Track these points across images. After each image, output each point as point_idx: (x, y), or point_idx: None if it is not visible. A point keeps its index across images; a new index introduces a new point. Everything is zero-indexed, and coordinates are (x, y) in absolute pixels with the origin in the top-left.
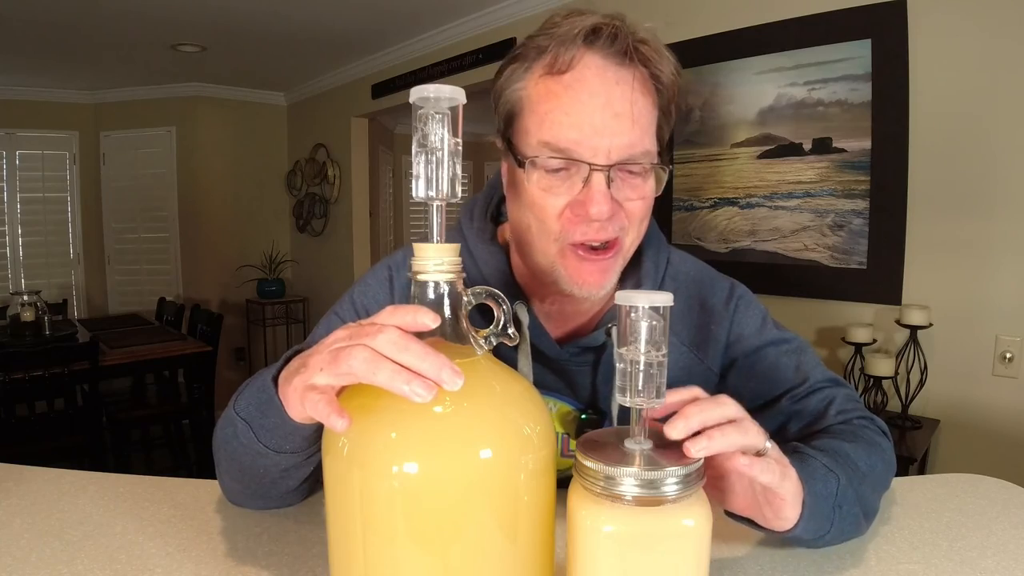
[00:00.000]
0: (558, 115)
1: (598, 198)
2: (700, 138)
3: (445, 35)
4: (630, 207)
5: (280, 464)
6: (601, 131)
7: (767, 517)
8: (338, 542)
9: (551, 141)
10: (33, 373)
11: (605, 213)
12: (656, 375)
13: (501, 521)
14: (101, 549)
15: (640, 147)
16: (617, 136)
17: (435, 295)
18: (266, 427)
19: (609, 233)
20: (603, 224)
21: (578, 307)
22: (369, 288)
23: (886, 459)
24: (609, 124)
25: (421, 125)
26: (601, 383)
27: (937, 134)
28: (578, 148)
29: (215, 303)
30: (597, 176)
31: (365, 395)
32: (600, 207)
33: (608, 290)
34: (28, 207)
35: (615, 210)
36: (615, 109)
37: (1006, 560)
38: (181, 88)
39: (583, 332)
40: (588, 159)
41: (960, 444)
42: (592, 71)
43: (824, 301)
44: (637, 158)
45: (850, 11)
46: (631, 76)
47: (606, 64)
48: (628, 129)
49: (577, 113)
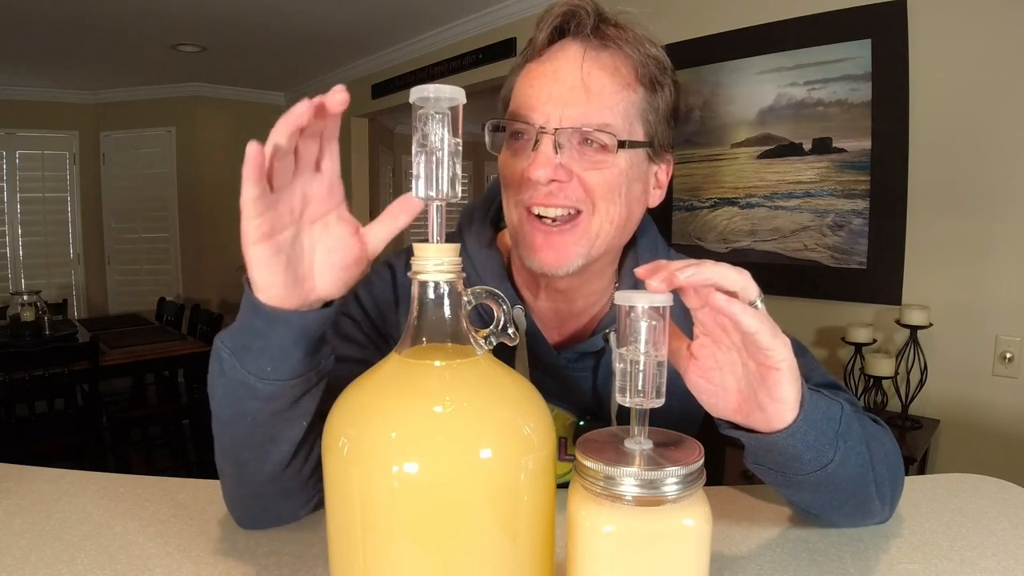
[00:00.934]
0: (525, 88)
1: (540, 160)
2: (700, 138)
3: (445, 35)
4: (588, 179)
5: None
6: (555, 99)
7: (763, 404)
8: (338, 542)
9: (513, 109)
10: (33, 373)
11: (544, 176)
12: (656, 375)
13: (501, 521)
14: (101, 549)
15: (596, 119)
16: (570, 106)
17: (435, 295)
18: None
19: (559, 201)
20: (549, 190)
21: (573, 307)
22: (373, 285)
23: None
24: (563, 94)
25: (421, 125)
26: (601, 388)
27: (937, 134)
28: (531, 114)
29: (215, 303)
30: (544, 139)
31: (365, 395)
32: (541, 169)
33: (571, 270)
34: (28, 207)
35: (563, 177)
36: (571, 82)
37: (1006, 560)
38: (181, 88)
39: (581, 337)
40: (538, 124)
41: (960, 444)
42: (564, 51)
43: (824, 301)
44: (591, 128)
45: (850, 11)
46: (596, 55)
47: (573, 44)
48: (582, 100)
49: (538, 85)
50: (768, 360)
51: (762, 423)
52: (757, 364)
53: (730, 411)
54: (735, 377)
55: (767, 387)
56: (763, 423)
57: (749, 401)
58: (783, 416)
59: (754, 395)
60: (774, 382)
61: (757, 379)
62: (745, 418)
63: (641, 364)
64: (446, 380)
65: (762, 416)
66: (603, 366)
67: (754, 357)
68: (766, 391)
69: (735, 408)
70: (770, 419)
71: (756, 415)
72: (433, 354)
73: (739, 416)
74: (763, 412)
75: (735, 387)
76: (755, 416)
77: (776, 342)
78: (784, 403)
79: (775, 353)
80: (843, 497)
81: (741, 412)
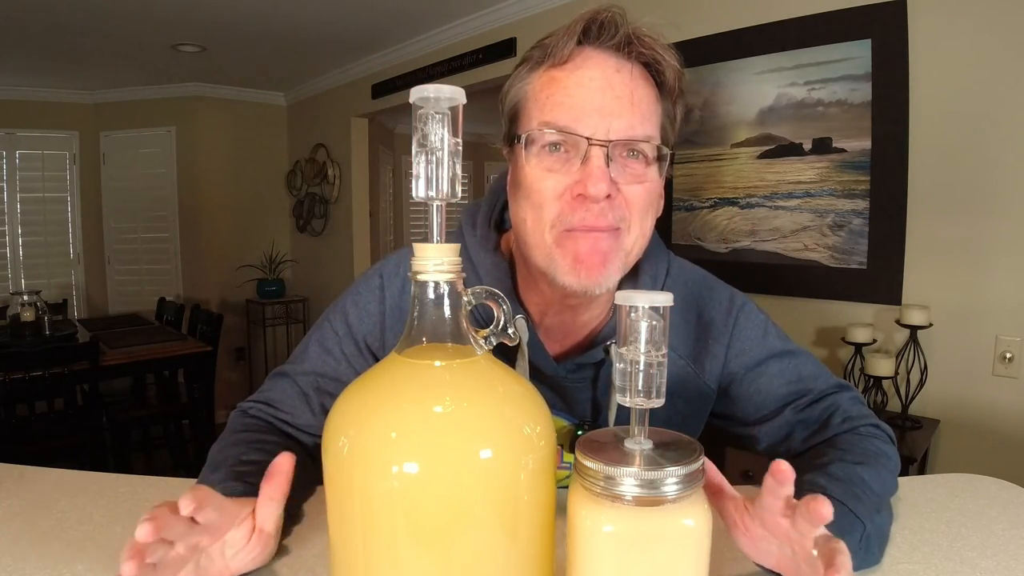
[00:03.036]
0: (560, 97)
1: (597, 174)
2: (700, 138)
3: (445, 35)
4: (629, 193)
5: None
6: (600, 110)
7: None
8: (338, 542)
9: (551, 120)
10: (33, 373)
11: (603, 191)
12: (656, 375)
13: (501, 521)
14: (101, 549)
15: (641, 130)
16: (616, 117)
17: (435, 295)
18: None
19: (608, 220)
20: (602, 208)
21: (577, 320)
22: (360, 298)
23: (892, 468)
24: (609, 104)
25: (421, 125)
26: (600, 398)
27: (937, 134)
28: (577, 125)
29: (215, 303)
30: (596, 151)
31: (365, 395)
32: (599, 184)
33: (607, 286)
34: (28, 207)
35: (614, 193)
36: (615, 92)
37: (1006, 560)
38: (181, 88)
39: (581, 349)
40: (587, 134)
41: (960, 444)
42: (592, 59)
43: (824, 301)
44: (638, 140)
45: (850, 11)
46: (630, 65)
47: (605, 54)
48: (628, 111)
49: (578, 95)
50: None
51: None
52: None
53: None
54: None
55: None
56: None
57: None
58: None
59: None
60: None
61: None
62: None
63: (641, 364)
64: (446, 380)
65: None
66: (602, 377)
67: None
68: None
69: (774, 565)
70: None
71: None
72: (433, 354)
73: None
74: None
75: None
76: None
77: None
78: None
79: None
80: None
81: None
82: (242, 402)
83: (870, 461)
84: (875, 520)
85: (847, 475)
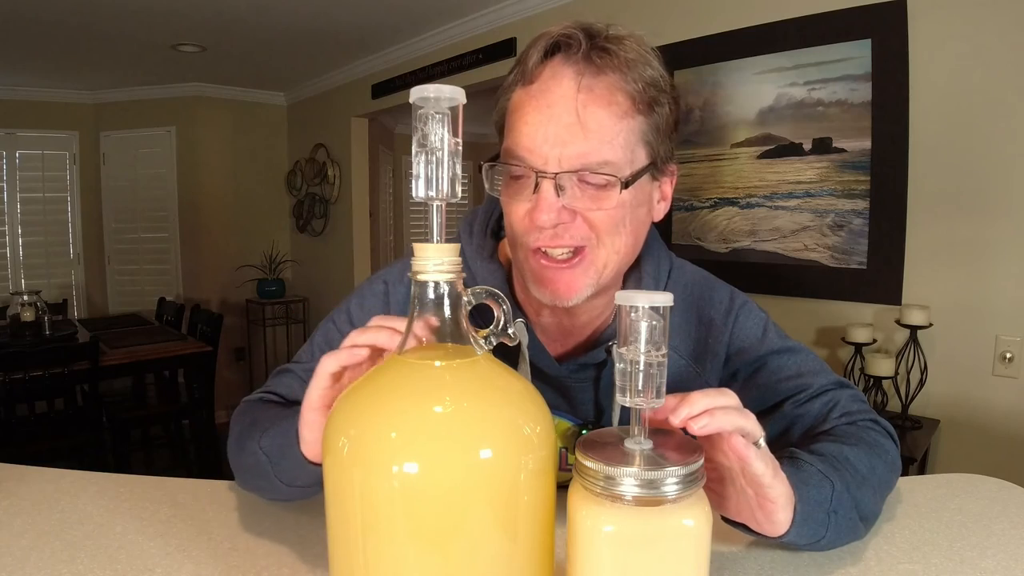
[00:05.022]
0: (520, 124)
1: (542, 205)
2: (700, 138)
3: (445, 35)
4: (593, 217)
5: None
6: (552, 140)
7: (759, 521)
8: (338, 542)
9: (510, 148)
10: (33, 373)
11: (549, 221)
12: (656, 375)
13: (501, 521)
14: (101, 549)
15: (596, 157)
16: (568, 145)
17: (435, 295)
18: (284, 467)
19: (565, 241)
20: (555, 231)
21: (576, 321)
22: (365, 301)
23: (888, 460)
24: (560, 133)
25: (421, 125)
26: (602, 399)
27: (937, 134)
28: (530, 156)
29: (215, 303)
30: (545, 184)
31: (365, 395)
32: (545, 215)
33: (580, 300)
34: (28, 207)
35: (566, 218)
36: (567, 119)
37: (1006, 560)
38: (181, 88)
39: (583, 349)
40: (538, 167)
41: (960, 444)
42: (554, 81)
43: (824, 301)
44: (592, 167)
45: (850, 11)
46: (591, 85)
47: (571, 73)
48: (580, 139)
49: (534, 122)
50: (767, 496)
51: (759, 529)
52: (756, 494)
53: (729, 513)
54: (734, 490)
55: (764, 513)
56: (760, 529)
57: (746, 512)
58: (778, 531)
59: (751, 512)
60: (769, 511)
61: (754, 503)
62: (743, 520)
63: (641, 364)
64: (446, 380)
65: (757, 526)
66: (604, 377)
67: (754, 488)
68: (763, 515)
69: (734, 512)
70: (765, 531)
71: (752, 523)
72: (433, 354)
73: (738, 518)
74: (758, 525)
75: (735, 498)
76: (751, 523)
77: (776, 482)
78: (779, 525)
79: (773, 491)
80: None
81: (739, 516)
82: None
83: (861, 446)
84: (852, 491)
85: (830, 451)
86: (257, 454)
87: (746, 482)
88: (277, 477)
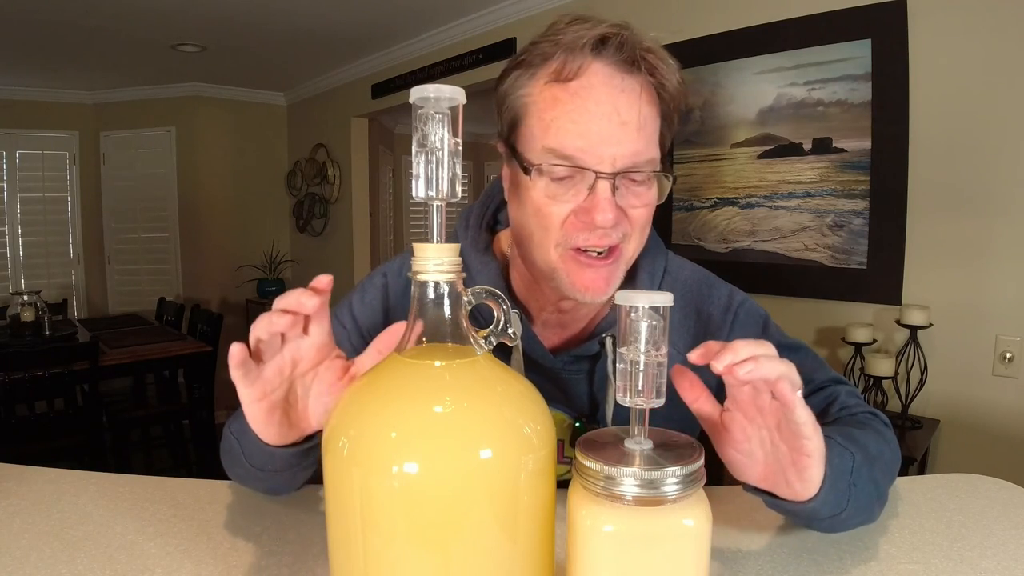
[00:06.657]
0: (564, 122)
1: (604, 206)
2: (700, 138)
3: (445, 35)
4: (633, 214)
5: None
6: (607, 139)
7: (790, 480)
8: (338, 542)
9: (557, 148)
10: (33, 373)
11: (611, 221)
12: (656, 375)
13: (501, 521)
14: (101, 549)
15: (645, 155)
16: (622, 144)
17: (435, 295)
18: (247, 449)
19: (612, 239)
20: (607, 231)
21: (574, 315)
22: (366, 294)
23: (892, 448)
24: (615, 132)
25: (421, 125)
26: (597, 391)
27: (937, 134)
28: (583, 156)
29: (215, 303)
30: (603, 184)
31: (365, 395)
32: (606, 215)
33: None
34: (28, 207)
35: (619, 217)
36: (621, 117)
37: (1006, 560)
38: (181, 88)
39: (577, 341)
40: (594, 167)
41: (960, 444)
42: (599, 79)
43: (824, 301)
44: (641, 166)
45: (850, 11)
46: (638, 85)
47: (612, 73)
48: (633, 137)
49: (584, 121)
50: (804, 448)
51: (786, 493)
52: (791, 449)
53: (755, 479)
54: (764, 451)
55: (797, 470)
56: (787, 494)
57: (776, 475)
58: (808, 492)
59: (782, 471)
60: (804, 467)
61: (787, 460)
62: (770, 486)
63: (641, 364)
64: (446, 380)
65: (788, 489)
66: (599, 369)
67: (788, 442)
68: (796, 473)
69: (760, 478)
70: (796, 493)
71: (782, 487)
72: (433, 354)
73: (764, 484)
74: (789, 487)
75: (763, 460)
76: (780, 487)
77: (815, 434)
78: (811, 483)
79: (811, 443)
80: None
81: (767, 482)
82: None
83: (868, 431)
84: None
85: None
86: (229, 438)
87: (783, 436)
88: (248, 461)
